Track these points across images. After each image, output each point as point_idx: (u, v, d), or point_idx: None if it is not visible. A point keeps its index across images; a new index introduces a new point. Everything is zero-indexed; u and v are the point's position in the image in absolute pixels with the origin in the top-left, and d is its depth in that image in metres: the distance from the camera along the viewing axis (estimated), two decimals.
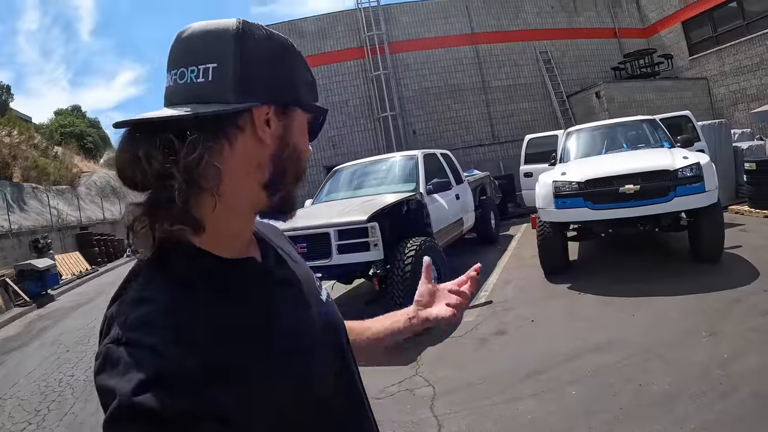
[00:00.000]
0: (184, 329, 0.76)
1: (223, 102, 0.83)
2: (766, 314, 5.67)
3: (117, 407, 0.68)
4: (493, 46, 21.39)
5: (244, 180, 0.88)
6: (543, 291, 7.84)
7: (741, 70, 18.91)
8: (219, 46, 0.85)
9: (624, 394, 4.43)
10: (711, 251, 7.71)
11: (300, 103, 0.94)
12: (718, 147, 12.61)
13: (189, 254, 0.84)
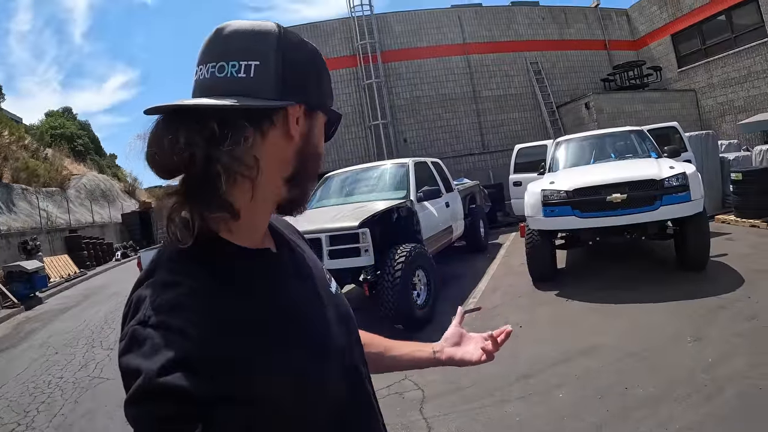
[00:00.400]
0: (210, 314, 0.79)
1: (263, 98, 0.88)
2: (750, 320, 5.79)
3: (141, 386, 0.70)
4: (484, 57, 21.54)
5: (272, 173, 0.93)
6: (531, 298, 7.89)
7: (729, 82, 19.17)
8: (262, 45, 0.90)
9: (610, 397, 4.49)
10: (697, 259, 7.81)
11: (324, 107, 1.00)
12: (705, 157, 12.77)
13: (215, 242, 0.89)
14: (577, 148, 10.31)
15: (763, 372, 4.53)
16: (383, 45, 20.46)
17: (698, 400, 4.23)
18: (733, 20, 19.05)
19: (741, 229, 10.97)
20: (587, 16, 23.89)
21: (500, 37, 21.93)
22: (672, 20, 21.75)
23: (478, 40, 21.55)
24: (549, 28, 22.85)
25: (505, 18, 22.29)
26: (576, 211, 7.74)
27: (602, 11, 24.30)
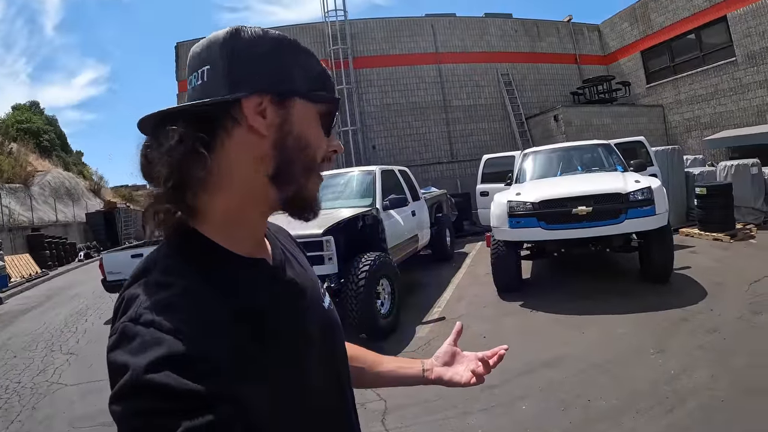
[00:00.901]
0: (200, 316, 0.79)
1: (216, 97, 0.88)
2: (712, 332, 5.88)
3: (127, 381, 0.70)
4: (456, 66, 21.61)
5: (250, 172, 0.91)
6: (496, 308, 7.86)
7: (696, 99, 19.47)
8: (212, 50, 0.92)
9: (573, 408, 4.50)
10: (660, 272, 7.91)
11: (297, 93, 0.94)
12: (671, 172, 12.97)
13: (207, 247, 0.90)
14: (544, 159, 10.33)
15: (724, 384, 4.60)
16: (355, 51, 20.37)
17: (660, 412, 4.26)
18: (703, 39, 19.38)
19: (704, 243, 11.18)
20: (559, 30, 24.13)
21: (473, 47, 22.03)
22: (642, 37, 22.08)
23: (451, 50, 21.63)
24: (521, 40, 23.03)
25: (478, 29, 22.40)
26: (542, 223, 7.76)
27: (574, 26, 24.59)
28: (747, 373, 4.78)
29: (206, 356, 0.74)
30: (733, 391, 4.49)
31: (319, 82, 0.98)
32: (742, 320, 6.21)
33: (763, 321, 6.11)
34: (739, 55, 17.58)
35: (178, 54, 19.11)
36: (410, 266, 10.38)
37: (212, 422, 0.70)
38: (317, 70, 0.99)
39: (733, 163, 12.87)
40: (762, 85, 16.86)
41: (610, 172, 9.28)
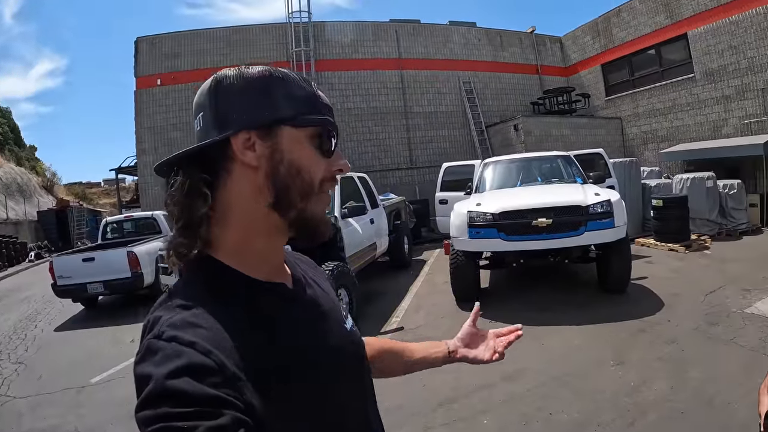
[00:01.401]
0: (217, 332, 0.83)
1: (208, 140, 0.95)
2: (671, 343, 5.99)
3: (150, 390, 0.74)
4: (418, 73, 21.57)
5: (252, 203, 0.96)
6: (454, 318, 7.80)
7: (653, 112, 19.79)
8: (203, 97, 0.99)
9: (535, 422, 4.49)
10: (618, 282, 8.03)
11: (282, 121, 0.96)
12: (628, 183, 13.27)
13: (223, 272, 0.95)
14: (504, 170, 10.33)
15: (684, 396, 4.68)
16: (318, 54, 20.13)
17: (622, 425, 4.30)
18: (663, 55, 19.68)
19: (660, 253, 11.47)
20: (522, 40, 24.31)
21: (435, 54, 22.03)
22: (603, 51, 22.35)
23: (414, 56, 21.57)
24: (484, 49, 23.12)
25: (442, 36, 22.42)
26: (501, 234, 7.76)
27: (537, 37, 24.77)
28: (706, 385, 4.88)
29: (223, 367, 0.78)
30: (693, 403, 4.56)
31: (308, 106, 0.99)
32: (698, 331, 6.35)
33: (719, 332, 6.26)
34: (697, 72, 17.91)
35: (138, 49, 18.67)
36: (368, 274, 10.28)
37: (229, 424, 0.73)
38: (304, 94, 1.00)
39: (689, 176, 13.20)
40: (719, 101, 17.19)
41: (570, 183, 9.36)
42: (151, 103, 18.32)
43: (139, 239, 11.82)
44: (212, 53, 18.87)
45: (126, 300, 11.57)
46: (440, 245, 13.07)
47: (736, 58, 16.57)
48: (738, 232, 13.20)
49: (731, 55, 16.69)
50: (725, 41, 16.81)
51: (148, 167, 17.75)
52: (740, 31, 16.29)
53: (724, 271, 9.31)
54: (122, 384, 6.17)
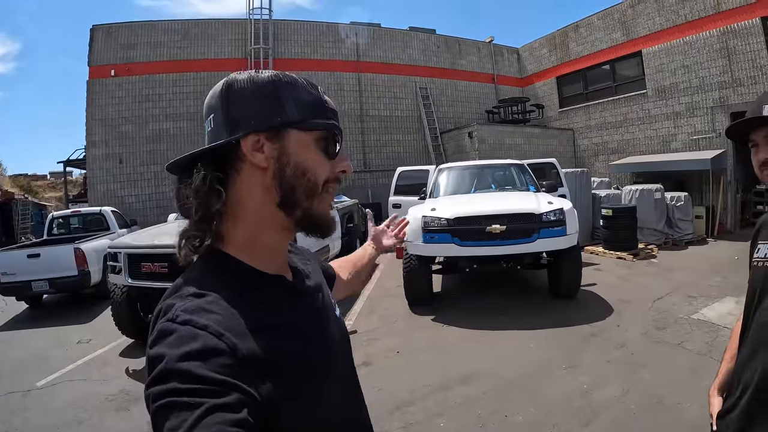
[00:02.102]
0: (231, 318, 0.87)
1: (220, 141, 0.99)
2: (620, 347, 6.15)
3: (162, 367, 0.78)
4: (375, 76, 21.60)
5: (261, 202, 1.01)
6: (407, 322, 7.80)
7: (605, 125, 20.23)
8: (215, 100, 1.03)
9: (491, 424, 4.53)
10: (569, 288, 8.18)
11: (290, 125, 1.00)
12: (579, 193, 13.49)
13: (234, 265, 1.01)
14: (459, 176, 10.42)
15: (635, 397, 4.81)
16: (276, 52, 19.95)
17: (576, 425, 4.40)
18: (617, 71, 20.15)
19: (609, 260, 11.75)
20: (480, 49, 24.58)
21: (394, 59, 22.09)
22: (559, 64, 22.78)
23: (372, 60, 21.60)
24: (442, 56, 23.30)
25: (401, 41, 22.50)
26: (456, 239, 7.80)
27: (495, 47, 25.09)
28: (656, 387, 5.02)
29: (234, 350, 0.82)
30: (644, 403, 4.69)
31: (315, 110, 1.03)
32: (647, 336, 6.52)
33: (667, 337, 6.45)
34: (649, 89, 18.39)
35: (93, 38, 18.05)
36: None
37: (234, 403, 0.76)
38: (311, 99, 1.04)
39: (638, 188, 13.55)
40: (669, 117, 17.69)
41: (523, 191, 9.49)
42: (103, 94, 17.73)
43: (86, 236, 11.43)
44: (169, 46, 18.46)
45: (72, 299, 11.10)
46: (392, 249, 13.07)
47: (687, 77, 17.09)
48: (684, 242, 13.68)
49: (683, 73, 17.22)
50: (678, 60, 17.33)
51: (98, 160, 17.32)
52: (693, 51, 16.82)
53: (670, 279, 9.57)
54: (69, 387, 5.96)
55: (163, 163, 17.48)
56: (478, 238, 7.73)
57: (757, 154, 1.70)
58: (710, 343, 6.05)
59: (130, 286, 6.94)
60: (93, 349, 7.35)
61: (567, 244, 7.76)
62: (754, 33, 15.03)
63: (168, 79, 18.18)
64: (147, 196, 17.70)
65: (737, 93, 15.60)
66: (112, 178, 17.33)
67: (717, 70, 16.14)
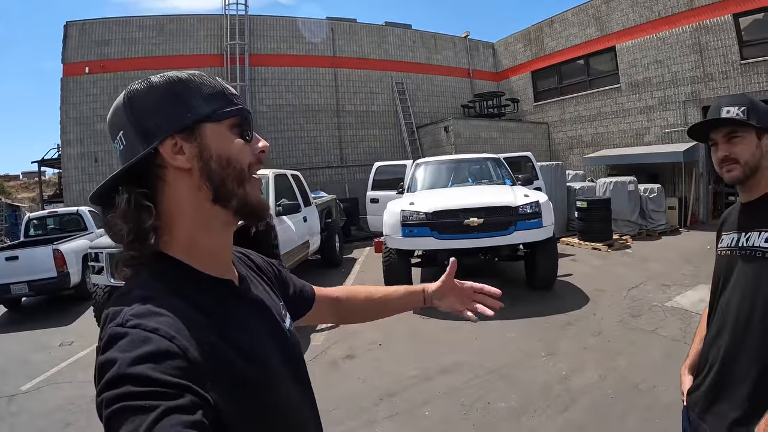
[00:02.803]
0: (178, 322, 0.87)
1: (136, 155, 0.97)
2: (596, 335, 6.33)
3: (114, 372, 0.76)
4: (351, 72, 21.52)
5: (194, 203, 1.00)
6: None
7: (579, 119, 20.45)
8: (119, 117, 1.00)
9: (474, 412, 4.64)
10: (545, 279, 8.33)
11: (202, 120, 1.00)
12: (554, 186, 13.77)
13: (178, 268, 1.00)
14: (436, 170, 10.50)
15: (611, 382, 5.00)
16: (252, 48, 19.72)
17: (557, 410, 4.54)
18: (591, 65, 20.40)
19: (584, 251, 11.98)
20: (456, 44, 24.62)
21: (370, 54, 22.04)
22: (534, 58, 22.94)
23: (348, 55, 21.51)
24: (418, 51, 23.29)
25: (377, 36, 22.45)
26: (434, 233, 7.90)
27: (470, 42, 25.13)
28: (631, 372, 5.20)
29: (186, 352, 0.82)
30: (620, 388, 4.87)
31: (222, 100, 1.04)
32: (622, 323, 6.71)
33: (641, 324, 6.63)
34: (623, 83, 18.66)
35: (67, 34, 17.65)
36: (299, 272, 10.10)
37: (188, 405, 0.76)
38: (213, 90, 1.04)
39: (612, 180, 13.78)
40: (642, 111, 17.97)
41: (500, 185, 9.58)
42: (78, 92, 17.35)
43: (64, 237, 11.23)
44: (144, 42, 18.11)
45: (51, 301, 10.97)
46: (370, 243, 13.16)
47: (660, 72, 17.38)
48: (657, 232, 13.99)
49: (656, 68, 17.50)
50: (651, 55, 17.61)
51: (73, 159, 17.05)
52: (666, 47, 17.10)
53: (644, 269, 9.79)
54: (54, 391, 5.93)
55: None
56: (456, 231, 7.86)
57: (717, 152, 1.89)
58: (684, 329, 6.23)
59: (112, 286, 6.90)
60: (76, 351, 7.28)
61: (543, 236, 7.91)
62: (726, 29, 15.31)
63: (143, 76, 17.76)
64: None
65: (709, 87, 15.90)
66: (87, 177, 17.02)
67: (689, 65, 16.44)
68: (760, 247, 1.80)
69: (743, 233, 1.90)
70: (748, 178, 1.87)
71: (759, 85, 14.52)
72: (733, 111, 1.82)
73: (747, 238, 1.87)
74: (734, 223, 1.99)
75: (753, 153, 1.83)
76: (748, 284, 1.82)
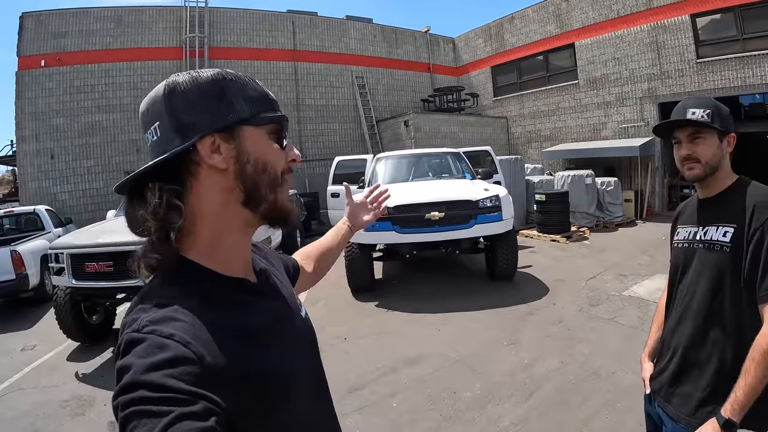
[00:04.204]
0: (195, 327, 0.87)
1: (171, 149, 0.95)
2: (557, 324, 6.50)
3: (130, 377, 0.77)
4: (312, 65, 21.40)
5: (223, 204, 0.99)
6: (352, 309, 7.94)
7: (538, 114, 20.78)
8: (156, 107, 0.98)
9: (441, 401, 4.73)
10: (506, 271, 8.45)
11: (244, 122, 0.99)
12: (513, 179, 13.92)
13: (196, 272, 0.99)
14: (396, 164, 10.55)
15: (572, 368, 5.17)
16: (212, 41, 19.44)
17: (521, 397, 4.67)
18: (550, 61, 20.74)
19: (543, 243, 12.23)
20: (416, 39, 24.70)
21: (330, 48, 21.96)
22: (494, 54, 23.20)
23: (309, 48, 21.41)
24: (379, 45, 23.29)
25: (338, 30, 22.37)
26: (396, 227, 7.95)
27: (431, 37, 25.26)
28: (592, 358, 5.36)
29: (201, 358, 0.82)
30: (582, 373, 5.03)
31: (264, 104, 1.03)
32: (582, 312, 6.89)
33: (600, 312, 6.83)
34: (581, 79, 19.04)
35: (22, 26, 17.03)
36: None
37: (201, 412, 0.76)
38: (257, 94, 1.03)
39: (569, 174, 14.07)
40: (599, 106, 18.37)
41: (460, 179, 9.70)
42: (33, 86, 16.77)
43: (21, 237, 10.83)
44: (101, 34, 17.60)
45: (9, 304, 10.38)
46: None
47: (618, 69, 17.78)
48: (614, 224, 14.36)
49: (614, 65, 17.90)
50: (609, 53, 18.01)
51: (29, 156, 16.57)
52: (624, 44, 17.50)
53: (602, 259, 10.04)
54: (20, 396, 5.72)
55: (96, 158, 16.96)
56: (417, 225, 7.92)
57: (680, 150, 2.02)
58: (641, 317, 6.43)
59: (73, 288, 6.76)
60: (39, 355, 7.06)
61: (503, 229, 8.05)
62: (683, 29, 15.74)
63: (100, 69, 17.38)
64: (81, 193, 16.96)
65: (665, 85, 16.32)
66: (43, 174, 16.56)
67: (646, 62, 16.86)
68: (718, 241, 1.93)
69: (701, 227, 2.03)
70: (707, 176, 2.00)
71: (713, 83, 14.94)
72: (698, 113, 1.95)
73: (705, 232, 2.00)
74: (691, 216, 2.13)
75: (714, 154, 1.96)
76: (708, 275, 1.95)
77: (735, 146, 2.02)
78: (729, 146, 2.01)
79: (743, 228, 1.86)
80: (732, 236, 1.89)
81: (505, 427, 4.18)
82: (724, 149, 1.99)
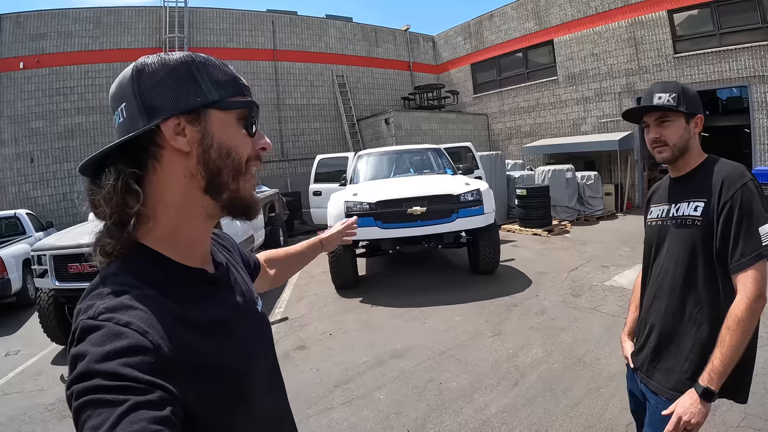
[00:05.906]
0: (151, 315, 0.85)
1: (136, 130, 0.93)
2: (540, 314, 6.59)
3: (85, 365, 0.75)
4: (292, 65, 21.37)
5: (184, 189, 0.98)
6: (336, 305, 7.95)
7: (518, 110, 20.94)
8: (123, 88, 0.97)
9: (428, 393, 4.77)
10: (488, 264, 8.51)
11: (210, 105, 0.98)
12: (494, 175, 14.08)
13: (153, 259, 0.97)
14: (378, 161, 10.57)
15: (557, 357, 5.26)
16: (192, 41, 19.32)
17: (507, 386, 4.73)
18: (529, 58, 20.91)
19: (525, 237, 12.34)
20: (396, 37, 24.74)
21: (311, 47, 21.93)
22: (474, 51, 23.33)
23: (289, 48, 21.36)
24: (359, 44, 23.31)
25: (318, 29, 22.34)
26: (378, 222, 7.98)
27: (411, 35, 25.31)
28: (576, 347, 5.46)
29: (158, 347, 0.81)
30: (566, 362, 5.12)
31: (232, 88, 1.02)
32: (565, 303, 6.98)
33: (582, 302, 6.92)
34: (560, 75, 19.23)
35: (0, 28, 16.42)
36: None
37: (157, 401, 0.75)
38: (227, 77, 1.02)
39: (550, 168, 14.17)
40: (578, 102, 18.58)
41: (441, 174, 9.73)
42: (12, 89, 16.49)
43: (2, 242, 10.69)
44: (80, 35, 17.37)
45: None
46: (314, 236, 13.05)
47: (596, 65, 17.98)
48: (595, 217, 14.49)
49: (593, 61, 18.10)
50: (588, 49, 18.20)
51: (8, 160, 16.39)
52: (602, 41, 17.69)
53: (583, 251, 10.15)
54: (6, 402, 5.64)
55: (77, 160, 16.68)
56: (399, 220, 7.96)
57: (649, 134, 2.11)
58: (623, 306, 6.51)
59: (57, 290, 6.71)
60: (23, 360, 6.97)
61: (484, 223, 8.10)
62: (661, 25, 15.93)
63: (79, 71, 17.16)
64: (61, 196, 16.78)
65: (643, 80, 16.50)
66: (23, 178, 16.35)
67: (624, 58, 17.07)
68: (689, 216, 1.99)
69: (673, 204, 2.10)
70: (677, 158, 2.08)
71: (691, 78, 15.14)
72: (664, 98, 2.02)
73: (677, 209, 2.07)
74: (663, 195, 2.20)
75: (681, 136, 2.04)
76: (681, 250, 2.02)
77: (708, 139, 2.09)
78: (697, 127, 2.07)
79: (713, 202, 1.93)
80: (703, 210, 1.95)
81: (492, 415, 4.22)
82: (692, 130, 2.05)
